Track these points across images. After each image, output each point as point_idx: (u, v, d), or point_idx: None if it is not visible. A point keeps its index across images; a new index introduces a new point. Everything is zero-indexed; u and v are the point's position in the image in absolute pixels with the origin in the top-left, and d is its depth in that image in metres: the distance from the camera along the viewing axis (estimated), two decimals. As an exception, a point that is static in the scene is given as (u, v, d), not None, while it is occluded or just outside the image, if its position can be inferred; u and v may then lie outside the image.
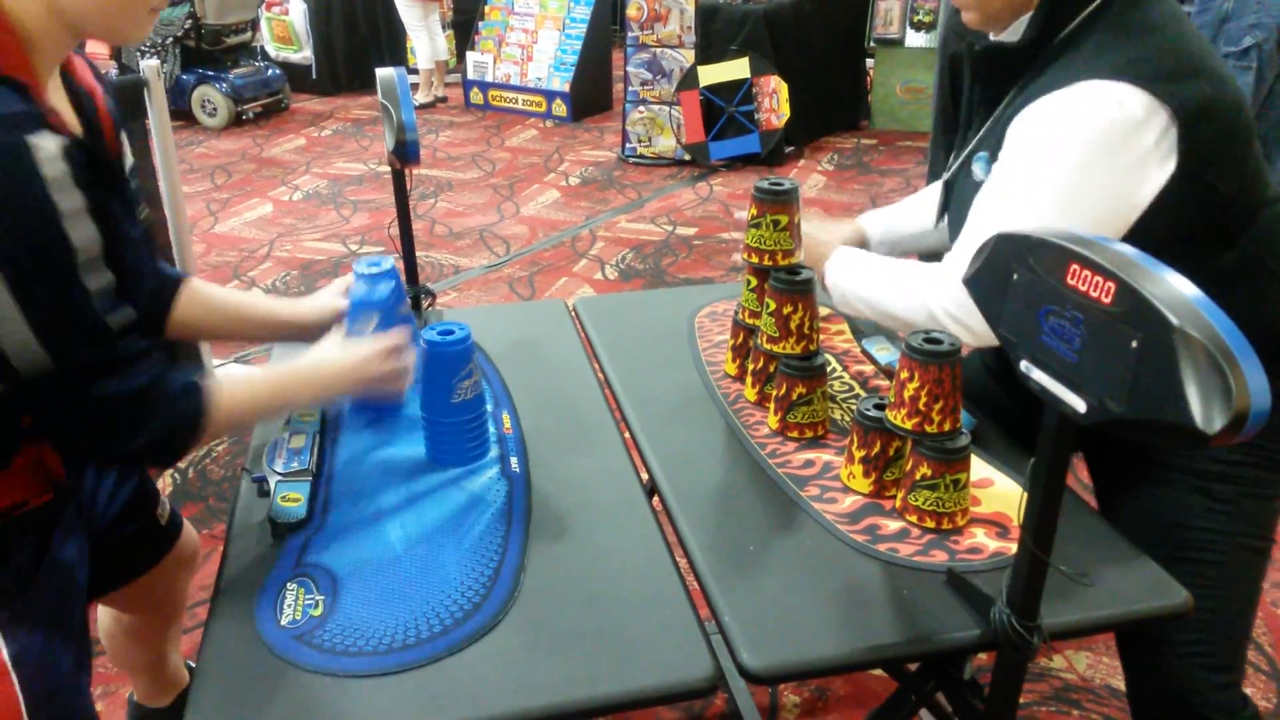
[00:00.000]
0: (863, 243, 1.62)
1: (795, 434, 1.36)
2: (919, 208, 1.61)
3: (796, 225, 1.42)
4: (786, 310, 1.35)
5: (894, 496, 1.23)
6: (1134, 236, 1.14)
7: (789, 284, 1.35)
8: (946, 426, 1.15)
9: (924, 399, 1.14)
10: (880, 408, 1.21)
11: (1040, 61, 1.22)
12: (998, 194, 1.21)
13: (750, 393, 1.47)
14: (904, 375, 1.15)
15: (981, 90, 1.32)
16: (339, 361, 1.24)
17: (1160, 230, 1.13)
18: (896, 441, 1.21)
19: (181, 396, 1.04)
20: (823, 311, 1.79)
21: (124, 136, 1.14)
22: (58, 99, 1.01)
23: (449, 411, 1.29)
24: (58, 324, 0.92)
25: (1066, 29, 1.20)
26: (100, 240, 0.94)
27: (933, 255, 1.48)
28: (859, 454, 1.24)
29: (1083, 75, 1.13)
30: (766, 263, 1.41)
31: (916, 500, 1.18)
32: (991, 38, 1.30)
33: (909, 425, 1.15)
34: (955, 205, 1.36)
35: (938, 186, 1.59)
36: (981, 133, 1.31)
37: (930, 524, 1.17)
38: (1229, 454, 1.22)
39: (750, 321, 1.49)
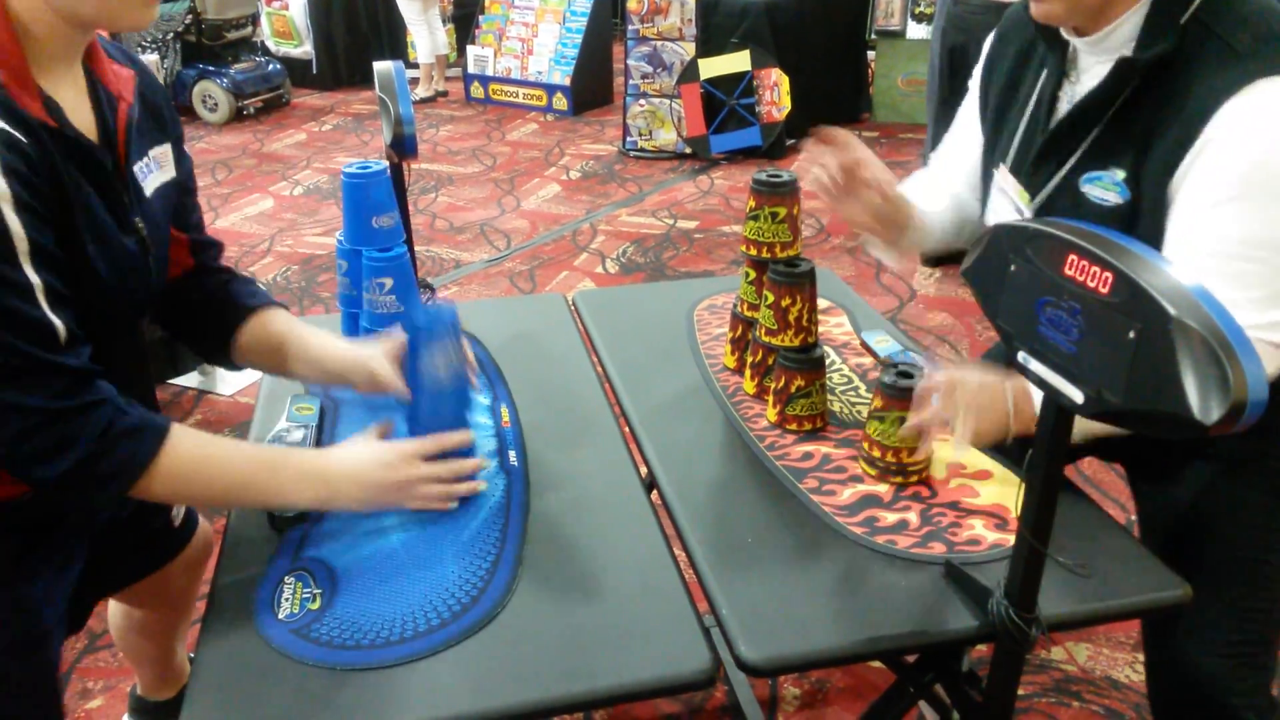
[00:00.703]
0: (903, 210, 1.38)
1: (794, 426, 1.36)
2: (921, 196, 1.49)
3: (796, 217, 1.41)
4: (785, 302, 1.35)
5: (793, 429, 1.37)
6: None
7: (788, 276, 1.35)
8: (797, 341, 1.35)
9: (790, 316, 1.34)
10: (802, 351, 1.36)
11: (1155, 68, 1.09)
12: (1215, 217, 1.05)
13: (749, 385, 1.46)
14: (785, 302, 1.35)
15: (1091, 104, 1.16)
16: (346, 462, 1.11)
17: None
18: (799, 380, 1.34)
19: (128, 434, 0.97)
20: (822, 304, 1.78)
21: (158, 151, 1.14)
22: (69, 91, 1.00)
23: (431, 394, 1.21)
24: None
25: (1181, 20, 1.08)
26: (26, 240, 0.88)
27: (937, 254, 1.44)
28: (770, 385, 1.39)
29: (1255, 74, 1.02)
30: (765, 255, 1.41)
31: (794, 410, 1.35)
32: (1067, 36, 1.18)
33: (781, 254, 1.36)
34: None
35: (929, 174, 1.52)
36: (1083, 152, 1.17)
37: (809, 426, 1.36)
38: None
39: (749, 314, 1.49)
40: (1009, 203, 1.29)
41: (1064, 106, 1.22)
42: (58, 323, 0.92)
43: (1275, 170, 1.02)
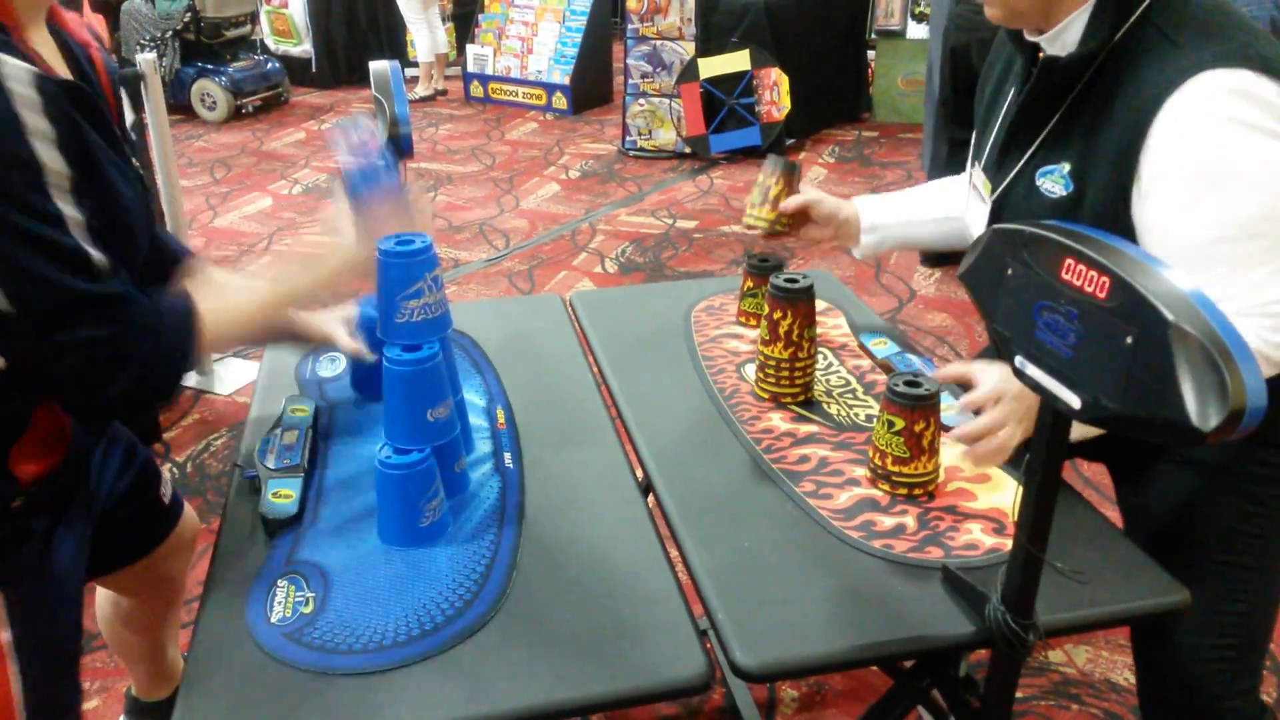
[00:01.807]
0: (853, 219, 1.53)
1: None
2: (911, 205, 1.56)
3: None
4: (776, 315, 1.39)
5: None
6: None
7: (787, 292, 1.38)
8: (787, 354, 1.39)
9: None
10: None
11: (1103, 64, 1.13)
12: (1179, 213, 1.07)
13: (760, 390, 1.46)
14: (776, 315, 1.38)
15: (1042, 102, 1.20)
16: (341, 253, 1.18)
17: None
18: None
19: (166, 328, 1.02)
20: (820, 305, 1.78)
21: (122, 93, 1.15)
22: (45, 49, 1.01)
23: (396, 333, 1.17)
24: (31, 251, 0.89)
25: (1125, 25, 1.12)
26: (70, 176, 0.92)
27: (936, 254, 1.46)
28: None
29: (1194, 68, 1.04)
30: (878, 461, 1.28)
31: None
32: (1028, 37, 1.21)
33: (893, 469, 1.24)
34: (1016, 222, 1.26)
35: (940, 184, 1.57)
36: (1038, 146, 1.21)
37: (903, 492, 1.24)
38: (1269, 454, 1.18)
39: (893, 469, 1.27)
40: (978, 198, 1.33)
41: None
42: (96, 253, 0.95)
43: (1232, 155, 1.04)
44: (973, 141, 1.41)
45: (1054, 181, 1.19)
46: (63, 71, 1.02)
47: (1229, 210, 1.04)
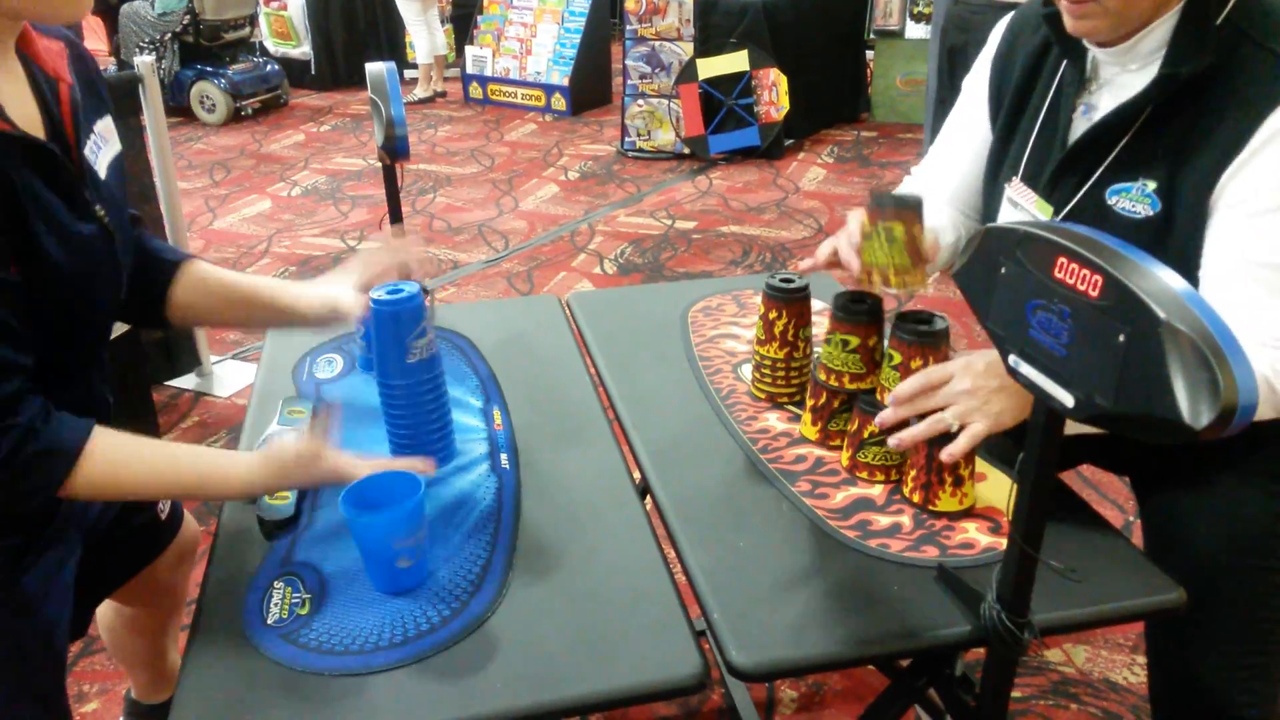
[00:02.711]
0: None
1: (865, 474, 1.26)
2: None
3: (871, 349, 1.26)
4: (915, 364, 1.19)
5: (839, 447, 1.31)
6: None
7: (920, 335, 1.19)
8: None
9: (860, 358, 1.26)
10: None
11: (1186, 78, 1.07)
12: (1253, 215, 1.03)
13: (809, 430, 1.35)
14: (840, 337, 1.27)
15: (1120, 121, 1.13)
16: (278, 458, 1.09)
17: None
18: (842, 395, 1.29)
19: (40, 455, 0.95)
20: (817, 306, 1.78)
21: (102, 125, 1.10)
22: (10, 88, 0.97)
23: (404, 373, 1.20)
24: None
25: (1212, 27, 1.06)
26: None
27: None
28: (810, 403, 1.34)
29: None
30: (834, 383, 1.29)
31: (865, 457, 1.24)
32: (1094, 48, 1.15)
33: (850, 386, 1.27)
34: None
35: (925, 177, 1.49)
36: (1112, 162, 1.15)
37: (880, 478, 1.24)
38: None
39: (851, 386, 1.29)
40: (1026, 216, 1.26)
41: (1083, 117, 1.20)
42: None
43: None
44: (991, 148, 1.34)
45: (1134, 201, 1.12)
46: (26, 109, 0.98)
47: None
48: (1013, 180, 1.29)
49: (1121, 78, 1.15)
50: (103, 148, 1.10)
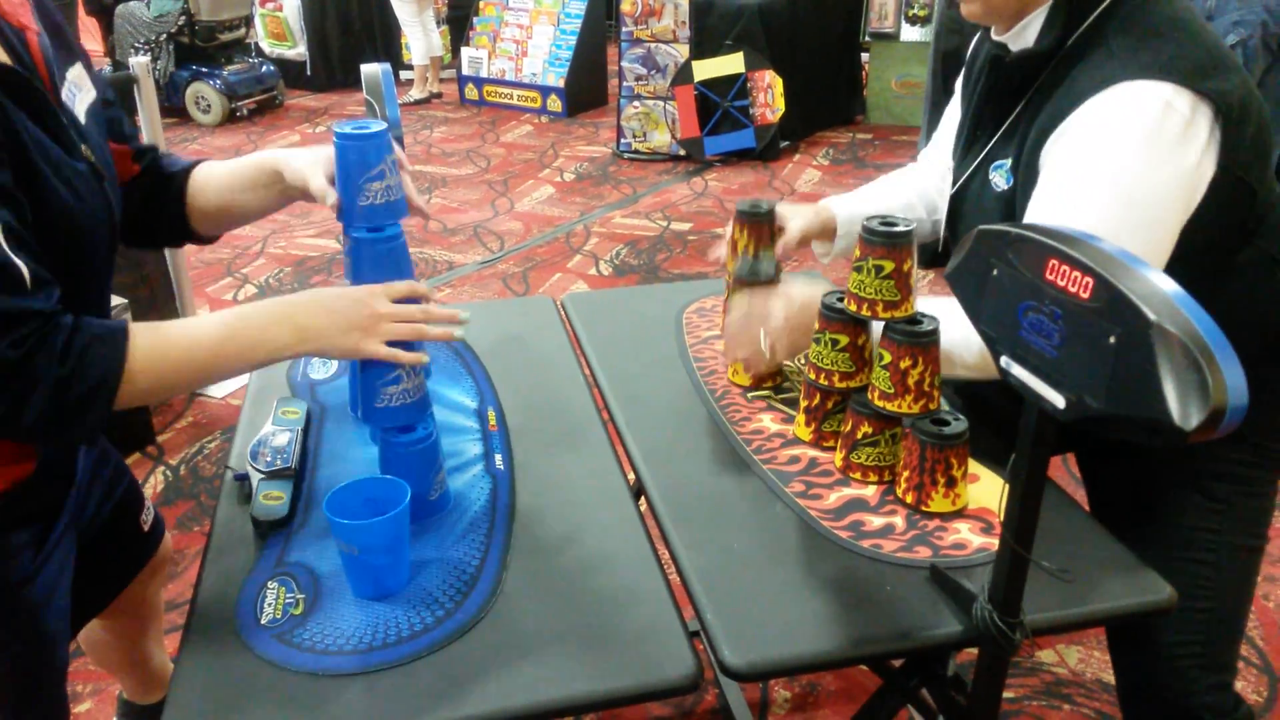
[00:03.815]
0: (830, 224, 1.53)
1: (858, 475, 1.26)
2: (884, 194, 1.58)
3: (906, 274, 1.21)
4: (905, 364, 1.19)
5: (833, 448, 1.32)
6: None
7: (911, 336, 1.18)
8: (917, 408, 1.21)
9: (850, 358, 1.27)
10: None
11: (1058, 64, 1.17)
12: (1052, 206, 1.12)
13: (803, 431, 1.35)
14: (830, 336, 1.28)
15: (996, 97, 1.25)
16: (313, 296, 1.06)
17: (1191, 233, 1.10)
18: (835, 395, 1.31)
19: (85, 353, 0.91)
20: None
21: (74, 73, 1.08)
22: None
23: (359, 217, 1.14)
24: None
25: (1080, 29, 1.16)
26: None
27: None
28: (803, 404, 1.35)
29: (1119, 76, 1.08)
30: (866, 313, 1.22)
31: (859, 458, 1.24)
32: (994, 35, 1.26)
33: (840, 385, 1.28)
34: (972, 217, 1.30)
35: (894, 174, 1.61)
36: (996, 140, 1.26)
37: (874, 478, 1.25)
38: (1228, 452, 1.21)
39: (841, 385, 1.29)
40: (947, 187, 1.39)
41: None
42: (21, 265, 0.88)
43: (1117, 162, 1.08)
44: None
45: (1000, 175, 1.24)
46: None
47: (1089, 212, 1.07)
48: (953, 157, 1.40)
49: None
50: (78, 94, 1.08)
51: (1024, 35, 1.21)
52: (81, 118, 1.07)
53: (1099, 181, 1.08)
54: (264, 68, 6.71)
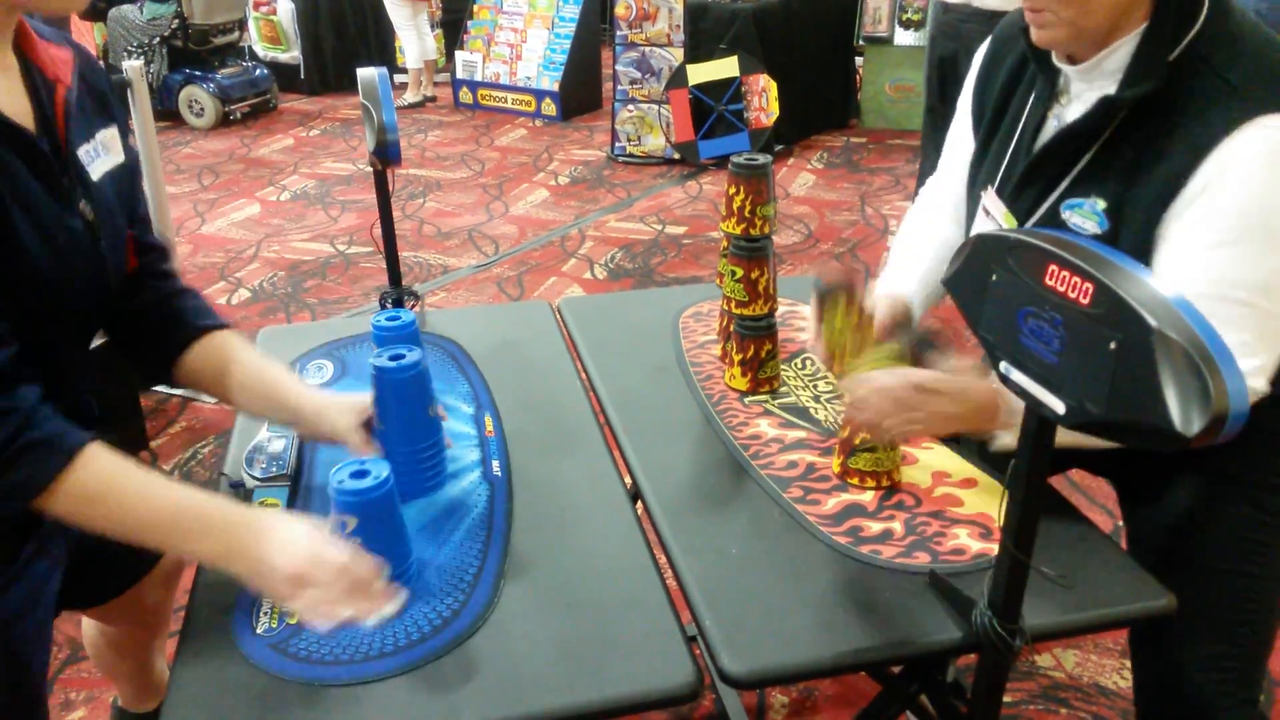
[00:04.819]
0: (907, 312, 1.39)
1: (855, 480, 1.27)
2: (921, 252, 1.47)
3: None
4: (754, 275, 1.45)
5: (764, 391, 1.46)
6: None
7: (748, 249, 1.44)
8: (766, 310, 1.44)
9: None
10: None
11: (1153, 99, 1.07)
12: (1207, 258, 1.04)
13: (741, 382, 1.48)
14: (731, 268, 1.42)
15: (1079, 136, 1.14)
16: (270, 526, 1.00)
17: None
18: (768, 344, 1.45)
19: (32, 447, 0.90)
20: (810, 309, 1.78)
21: (105, 134, 1.10)
22: (2, 77, 0.98)
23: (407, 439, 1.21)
24: None
25: (1172, 55, 1.06)
26: None
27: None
28: (737, 358, 1.47)
29: (1248, 113, 1.00)
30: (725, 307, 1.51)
31: (857, 464, 1.26)
32: (1057, 60, 1.17)
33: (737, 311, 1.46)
34: None
35: (918, 221, 1.51)
36: (1072, 179, 1.16)
37: (871, 484, 1.26)
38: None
39: (736, 311, 1.47)
40: (994, 225, 1.27)
41: (1050, 132, 1.20)
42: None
43: (1274, 213, 1.01)
44: (974, 152, 1.35)
45: (1084, 217, 1.13)
46: (17, 103, 0.98)
47: (1238, 266, 1.02)
48: (987, 189, 1.30)
49: (1087, 94, 1.16)
50: (101, 155, 1.10)
51: (1102, 67, 1.11)
52: (95, 176, 1.07)
53: (1259, 230, 1.01)
54: (257, 71, 6.69)
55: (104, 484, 0.96)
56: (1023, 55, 1.26)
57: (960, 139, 1.42)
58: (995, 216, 1.27)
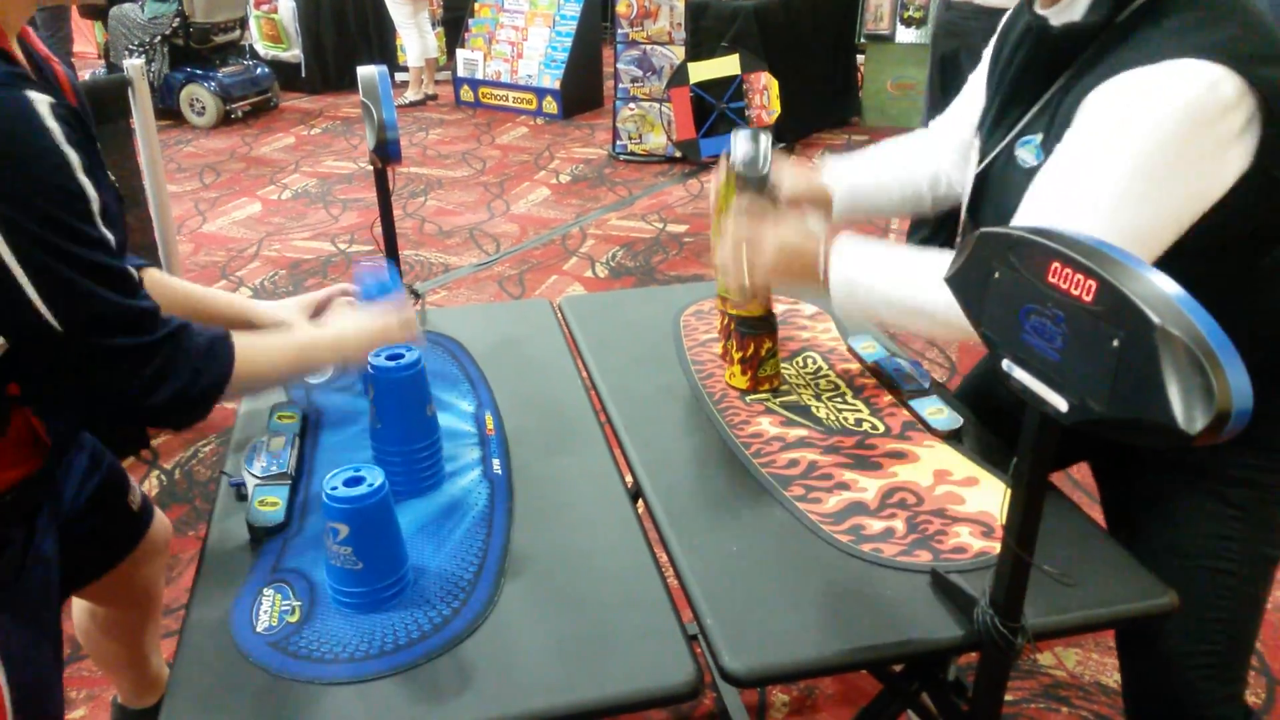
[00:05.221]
0: (824, 198, 1.55)
1: (766, 388, 1.47)
2: (882, 168, 1.58)
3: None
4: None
5: (764, 389, 1.48)
6: (1188, 237, 1.05)
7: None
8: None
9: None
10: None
11: (1104, 40, 1.11)
12: (1062, 174, 1.09)
13: (742, 380, 1.48)
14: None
15: (1033, 72, 1.20)
16: (358, 327, 1.27)
17: (1213, 230, 1.05)
18: (767, 343, 1.45)
19: (207, 351, 1.06)
20: (809, 310, 1.78)
21: (85, 103, 1.14)
22: (26, 66, 1.01)
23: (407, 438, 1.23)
24: (88, 278, 0.94)
25: (1132, 5, 1.09)
26: (99, 200, 0.96)
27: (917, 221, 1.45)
28: (737, 356, 1.47)
29: (1169, 53, 1.02)
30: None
31: (765, 371, 1.45)
32: (1038, 10, 1.20)
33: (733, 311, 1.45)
34: (997, 195, 1.25)
35: (898, 143, 1.61)
36: (1029, 116, 1.21)
37: (777, 384, 1.47)
38: (1250, 459, 1.18)
39: (733, 311, 1.47)
40: (972, 166, 1.35)
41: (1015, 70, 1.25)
42: (129, 269, 1.00)
43: (1146, 130, 1.02)
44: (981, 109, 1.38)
45: (1028, 152, 1.18)
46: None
47: (1100, 177, 1.03)
48: (978, 134, 1.34)
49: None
50: None
51: (1072, 8, 1.15)
52: None
53: (1119, 148, 1.03)
54: (259, 70, 6.69)
55: (257, 355, 1.14)
56: (1024, 26, 1.28)
57: (968, 101, 1.47)
58: (972, 158, 1.35)
